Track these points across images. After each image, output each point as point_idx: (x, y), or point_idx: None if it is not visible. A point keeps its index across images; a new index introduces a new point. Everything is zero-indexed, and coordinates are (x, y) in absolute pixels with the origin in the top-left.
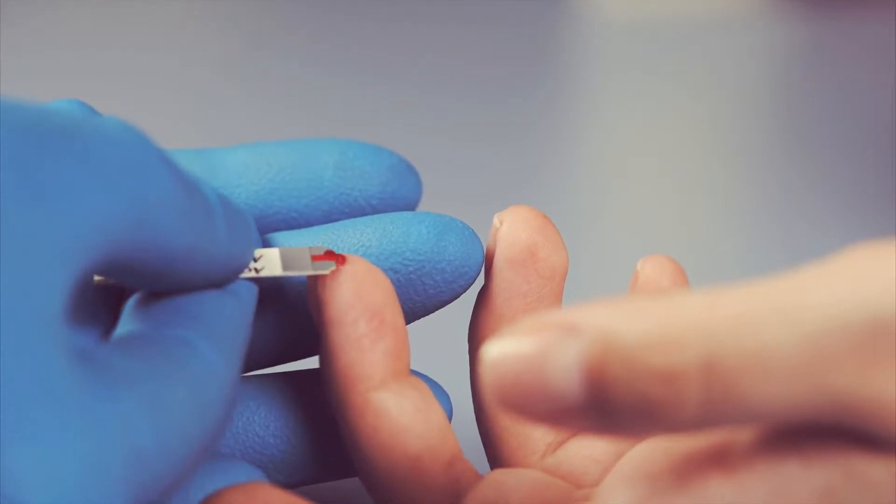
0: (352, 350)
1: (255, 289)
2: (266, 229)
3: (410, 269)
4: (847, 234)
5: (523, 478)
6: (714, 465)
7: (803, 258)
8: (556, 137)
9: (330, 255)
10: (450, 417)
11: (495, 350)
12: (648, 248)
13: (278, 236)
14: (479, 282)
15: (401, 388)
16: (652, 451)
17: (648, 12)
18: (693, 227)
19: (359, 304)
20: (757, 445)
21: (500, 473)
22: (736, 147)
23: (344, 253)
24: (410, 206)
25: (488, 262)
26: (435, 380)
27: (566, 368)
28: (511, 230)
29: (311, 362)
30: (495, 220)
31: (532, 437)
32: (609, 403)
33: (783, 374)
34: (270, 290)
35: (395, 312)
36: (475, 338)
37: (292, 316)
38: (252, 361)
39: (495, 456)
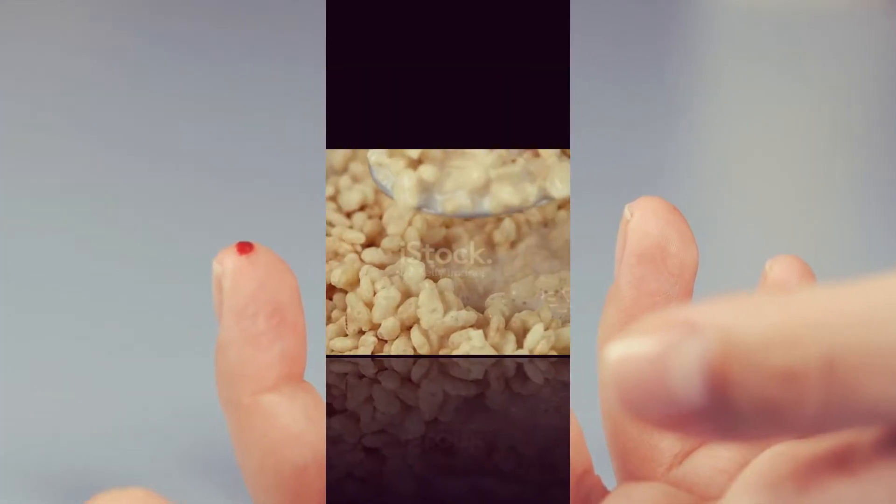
0: (248, 346)
1: None
2: None
3: None
4: None
5: (649, 491)
6: (835, 468)
7: None
8: (675, 128)
9: (241, 245)
10: None
11: (616, 351)
12: (773, 245)
13: None
14: (610, 280)
15: (294, 393)
16: (775, 458)
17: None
18: (818, 223)
19: (261, 296)
20: (879, 446)
21: (627, 487)
22: (860, 141)
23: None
24: None
25: (619, 256)
26: None
27: (687, 369)
28: (642, 222)
29: None
30: (626, 212)
31: (659, 449)
32: (730, 405)
33: None
34: None
35: (297, 312)
36: (606, 337)
37: None
38: None
39: (622, 468)
